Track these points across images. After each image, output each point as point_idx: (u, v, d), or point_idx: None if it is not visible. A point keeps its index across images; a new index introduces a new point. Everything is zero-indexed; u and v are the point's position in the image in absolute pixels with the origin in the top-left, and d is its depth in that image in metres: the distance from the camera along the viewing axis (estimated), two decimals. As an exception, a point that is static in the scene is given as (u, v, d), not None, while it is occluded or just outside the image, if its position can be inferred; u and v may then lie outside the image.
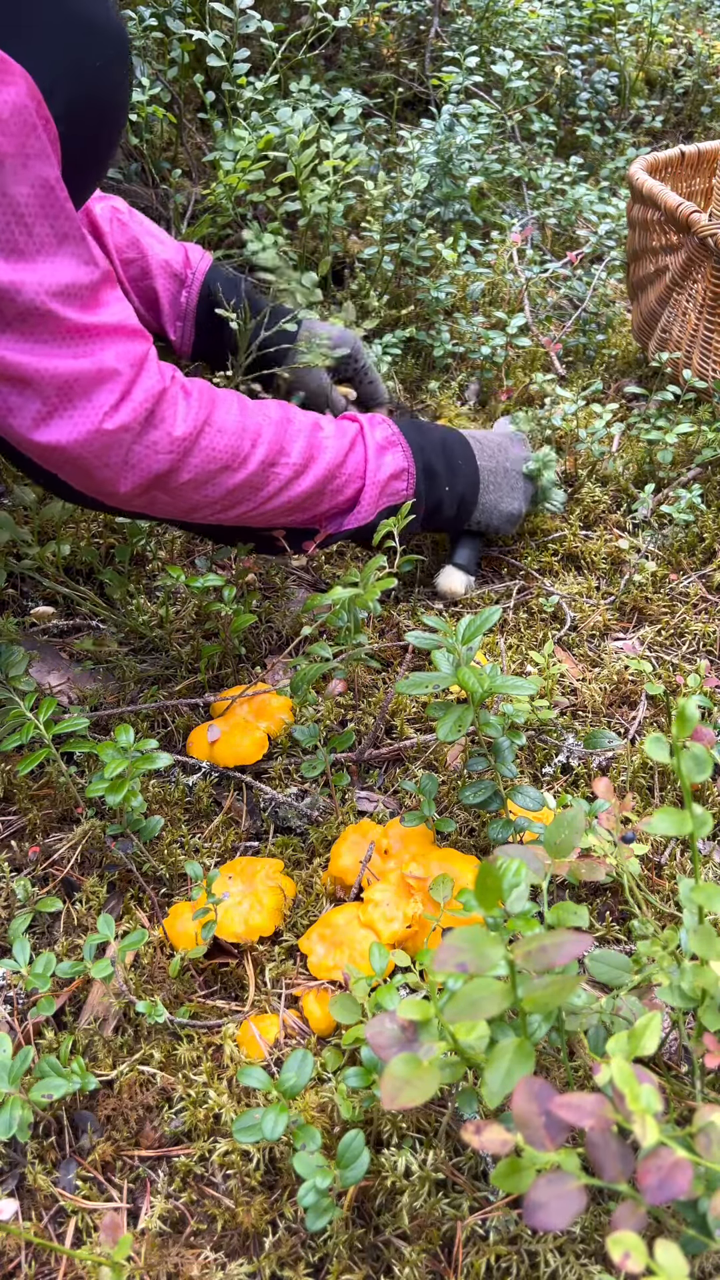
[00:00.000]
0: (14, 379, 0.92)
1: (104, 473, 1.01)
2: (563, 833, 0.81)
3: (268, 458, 1.12)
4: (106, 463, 1.00)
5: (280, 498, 1.15)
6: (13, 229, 0.86)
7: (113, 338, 0.96)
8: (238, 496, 1.12)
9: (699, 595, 1.39)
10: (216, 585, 1.18)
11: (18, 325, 0.90)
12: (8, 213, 0.86)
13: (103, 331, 0.95)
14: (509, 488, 1.37)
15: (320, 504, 1.21)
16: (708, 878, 1.07)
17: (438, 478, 1.29)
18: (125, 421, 0.98)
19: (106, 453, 0.99)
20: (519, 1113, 0.62)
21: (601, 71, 2.45)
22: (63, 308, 0.91)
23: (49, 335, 0.92)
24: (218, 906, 0.95)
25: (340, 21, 1.89)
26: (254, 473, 1.11)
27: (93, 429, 0.97)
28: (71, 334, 0.93)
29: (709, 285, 1.55)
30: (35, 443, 0.96)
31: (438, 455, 1.29)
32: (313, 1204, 0.74)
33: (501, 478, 1.36)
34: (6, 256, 0.86)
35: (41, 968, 0.88)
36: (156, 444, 1.02)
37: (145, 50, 1.86)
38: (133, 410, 0.99)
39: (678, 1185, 0.57)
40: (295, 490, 1.16)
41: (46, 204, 0.88)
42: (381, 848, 1.03)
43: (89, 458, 0.99)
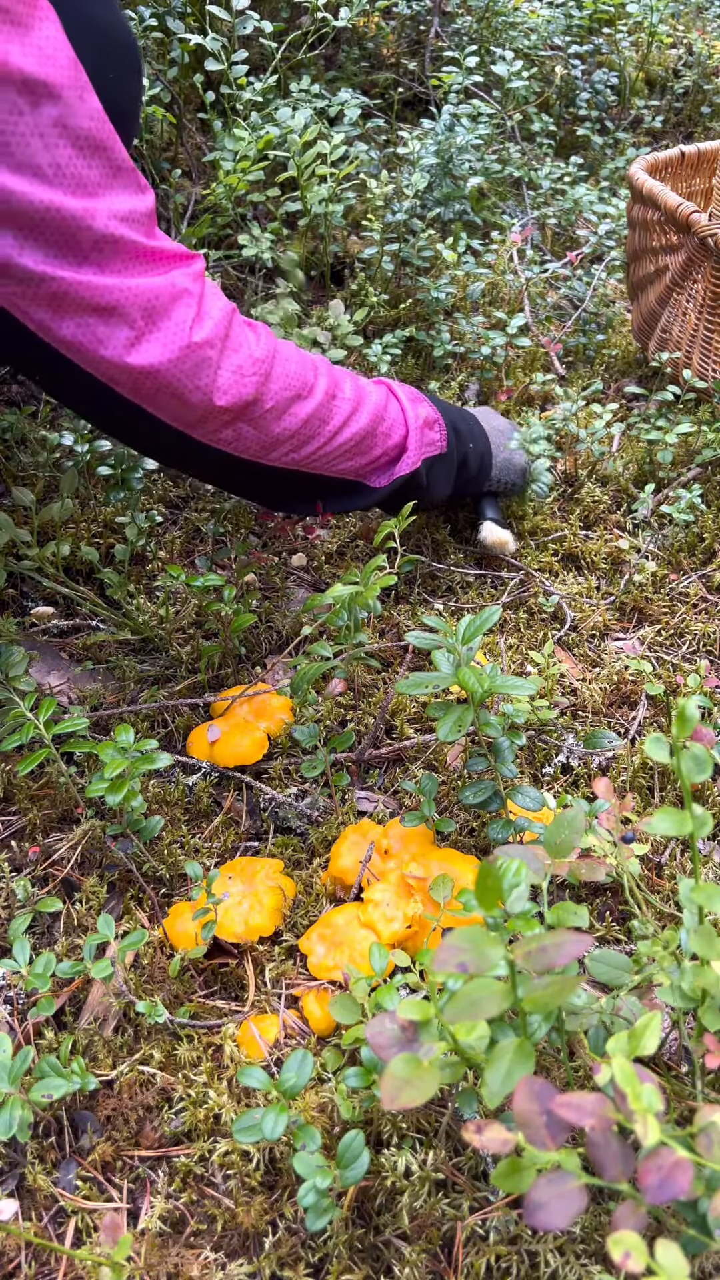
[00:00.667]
0: (101, 307, 0.93)
1: (196, 395, 1.03)
2: (563, 833, 0.81)
3: (329, 389, 1.16)
4: (197, 385, 1.02)
5: (343, 434, 1.18)
6: (76, 162, 0.88)
7: (174, 259, 0.99)
8: (309, 430, 1.15)
9: (699, 595, 1.39)
10: (216, 585, 1.17)
11: (94, 255, 0.91)
12: (72, 146, 0.87)
13: (165, 254, 0.98)
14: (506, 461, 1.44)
15: (374, 446, 1.23)
16: (708, 878, 1.07)
17: (462, 434, 1.35)
18: (209, 335, 1.01)
19: (197, 373, 1.01)
20: (519, 1112, 0.62)
21: (601, 71, 2.45)
22: (131, 232, 0.93)
23: (124, 260, 0.94)
24: (218, 906, 0.95)
25: (340, 21, 1.89)
26: (321, 403, 1.14)
27: (184, 344, 0.99)
28: (143, 257, 0.95)
29: (709, 285, 1.55)
30: (132, 367, 0.97)
31: (457, 416, 1.36)
32: (313, 1204, 0.74)
33: (501, 439, 1.44)
34: (74, 189, 0.88)
35: (41, 968, 0.88)
36: (241, 368, 1.05)
37: (145, 50, 1.86)
38: (213, 325, 1.01)
39: (678, 1185, 0.57)
40: (354, 427, 1.19)
41: (104, 135, 0.89)
42: (381, 848, 1.03)
43: (182, 378, 1.00)
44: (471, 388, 1.76)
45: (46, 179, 0.86)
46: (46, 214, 0.86)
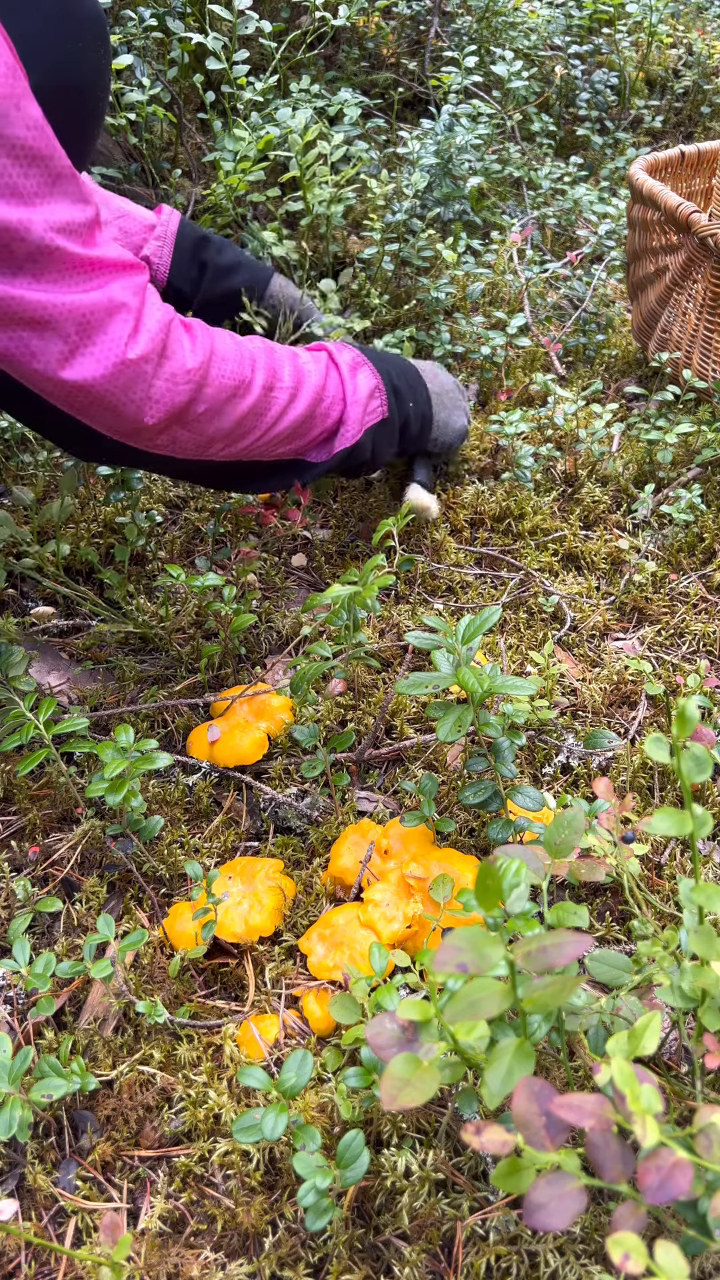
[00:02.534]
0: (34, 321, 0.92)
1: (130, 409, 1.02)
2: (563, 833, 0.81)
3: (266, 382, 1.16)
4: (131, 398, 1.02)
5: (281, 423, 1.19)
6: (11, 171, 0.87)
7: (114, 271, 0.98)
8: (246, 425, 1.15)
9: (699, 595, 1.39)
10: (216, 585, 1.17)
11: (29, 266, 0.90)
12: (7, 156, 0.86)
13: (105, 265, 0.97)
14: (453, 405, 1.46)
15: (313, 427, 1.24)
16: (708, 878, 1.07)
17: (402, 396, 1.35)
18: (144, 351, 1.00)
19: (131, 386, 1.01)
20: (519, 1113, 0.62)
21: (601, 71, 2.45)
22: (68, 243, 0.92)
23: (60, 272, 0.93)
24: (218, 906, 0.95)
25: (339, 21, 1.89)
26: (258, 398, 1.15)
27: (117, 361, 0.98)
28: (79, 269, 0.94)
29: (709, 285, 1.55)
30: (64, 382, 0.97)
31: (398, 375, 1.36)
32: (313, 1204, 0.74)
33: (446, 397, 1.45)
34: (9, 199, 0.87)
35: (41, 968, 0.88)
36: (175, 376, 1.05)
37: (145, 50, 1.86)
38: (149, 339, 1.01)
39: (678, 1186, 0.57)
40: (292, 414, 1.19)
41: (41, 144, 0.88)
42: (381, 848, 1.03)
43: (116, 393, 1.00)
44: (471, 387, 1.76)
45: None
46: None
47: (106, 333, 0.97)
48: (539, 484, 1.56)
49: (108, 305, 0.97)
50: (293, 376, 1.20)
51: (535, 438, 1.62)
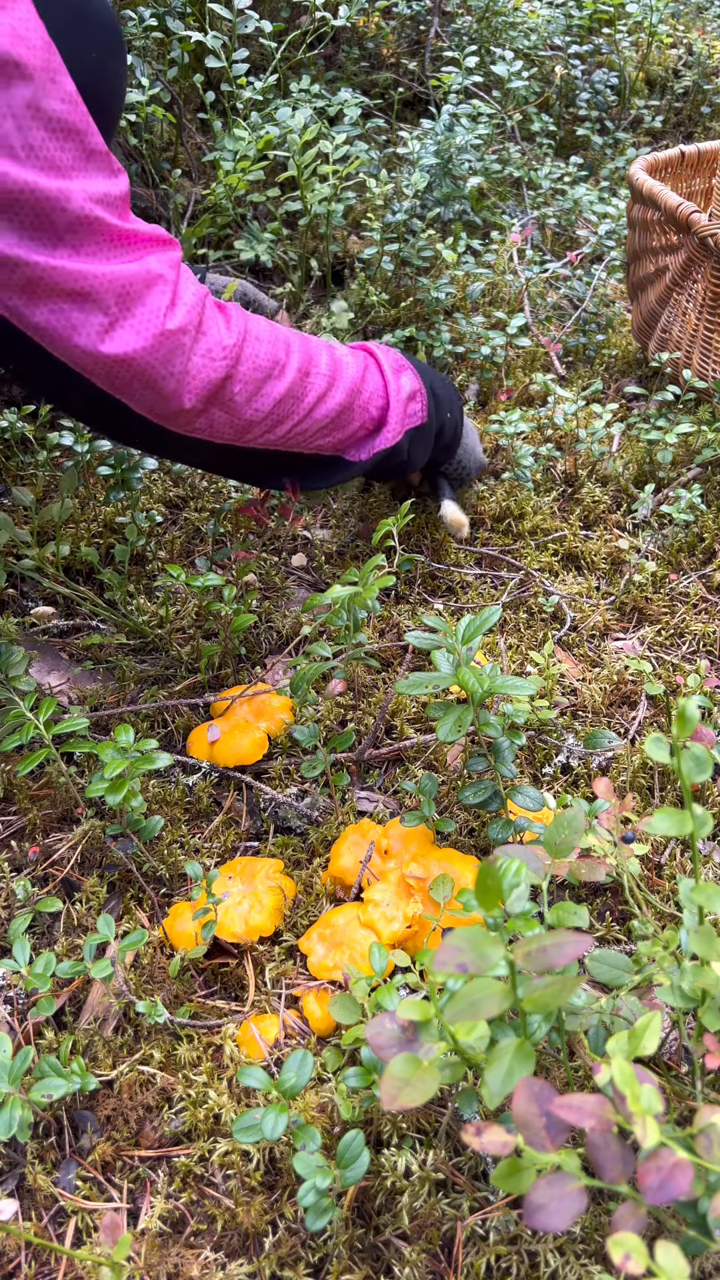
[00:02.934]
0: (75, 292, 0.92)
1: (169, 383, 1.02)
2: (563, 833, 0.81)
3: (302, 366, 1.14)
4: (170, 371, 1.01)
5: (318, 410, 1.17)
6: (49, 145, 0.87)
7: (150, 243, 0.98)
8: (283, 409, 1.14)
9: (699, 595, 1.39)
10: (216, 585, 1.17)
11: (69, 237, 0.91)
12: (45, 128, 0.86)
13: (140, 238, 0.97)
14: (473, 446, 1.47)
15: (352, 420, 1.23)
16: (708, 878, 1.07)
17: (441, 404, 1.34)
18: (183, 322, 1.00)
19: (170, 359, 1.01)
20: (519, 1113, 0.62)
21: (601, 71, 2.45)
22: (106, 214, 0.93)
23: (98, 243, 0.93)
24: (218, 906, 0.95)
25: (339, 21, 1.89)
26: (294, 381, 1.13)
27: (157, 332, 0.98)
28: (118, 240, 0.95)
29: (709, 285, 1.55)
30: (105, 356, 0.96)
31: (438, 383, 1.36)
32: (313, 1204, 0.74)
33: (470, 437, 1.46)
34: (49, 170, 0.87)
35: (41, 968, 0.88)
36: (211, 352, 1.04)
37: (145, 50, 1.86)
38: (186, 311, 1.01)
39: (678, 1186, 0.57)
40: (330, 403, 1.18)
41: (77, 119, 0.88)
42: (381, 848, 1.03)
43: (156, 366, 1.00)
44: (471, 388, 1.76)
45: (19, 159, 0.85)
46: (21, 194, 0.85)
47: (145, 304, 0.97)
48: (539, 484, 1.56)
49: (146, 276, 0.97)
50: (329, 365, 1.18)
51: (535, 438, 1.62)
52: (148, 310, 0.97)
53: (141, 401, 1.03)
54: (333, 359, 1.20)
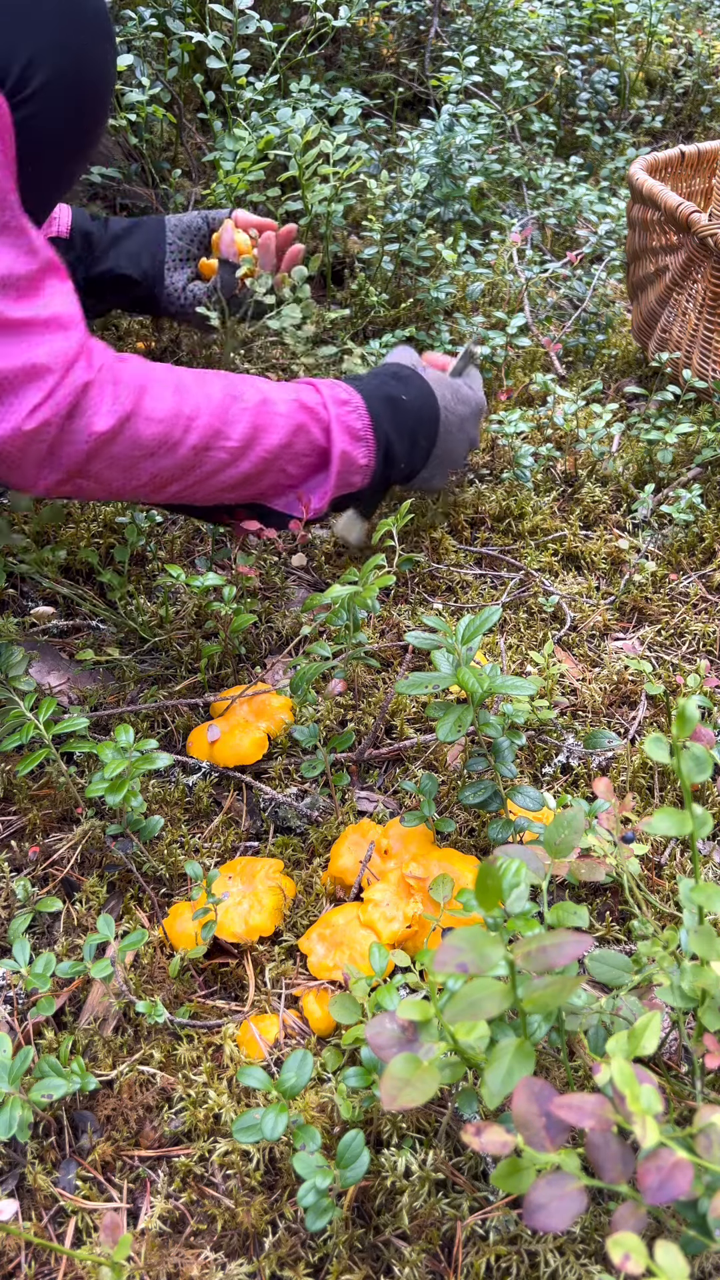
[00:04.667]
0: None
1: (24, 468, 0.99)
2: (563, 833, 0.81)
3: (201, 443, 1.08)
4: (26, 459, 0.98)
5: (216, 479, 1.12)
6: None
7: (47, 332, 0.95)
8: (166, 478, 1.09)
9: (699, 595, 1.39)
10: (216, 585, 1.17)
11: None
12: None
13: (37, 325, 0.94)
14: (447, 465, 1.38)
15: (263, 481, 1.16)
16: (708, 878, 1.07)
17: (394, 464, 1.26)
18: (46, 418, 0.96)
19: (27, 449, 0.97)
20: (519, 1113, 0.62)
21: (601, 71, 2.45)
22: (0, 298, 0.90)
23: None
24: (218, 906, 0.95)
25: (340, 21, 1.89)
26: (184, 458, 1.08)
27: (14, 429, 0.95)
28: (5, 328, 0.92)
29: (709, 285, 1.55)
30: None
31: (404, 441, 1.26)
32: (313, 1204, 0.74)
33: (447, 456, 1.36)
34: None
35: (41, 968, 0.88)
36: (75, 436, 1.00)
37: (145, 50, 1.86)
38: (54, 407, 0.97)
39: (678, 1186, 0.57)
40: (233, 471, 1.12)
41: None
42: (381, 848, 1.03)
43: (12, 453, 0.97)
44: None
45: None
46: None
47: (18, 397, 0.94)
48: (539, 484, 1.56)
49: (27, 371, 0.93)
50: (245, 433, 1.11)
51: (535, 438, 1.62)
52: (17, 404, 0.94)
53: None
54: (254, 424, 1.12)
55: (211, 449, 1.09)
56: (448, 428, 1.34)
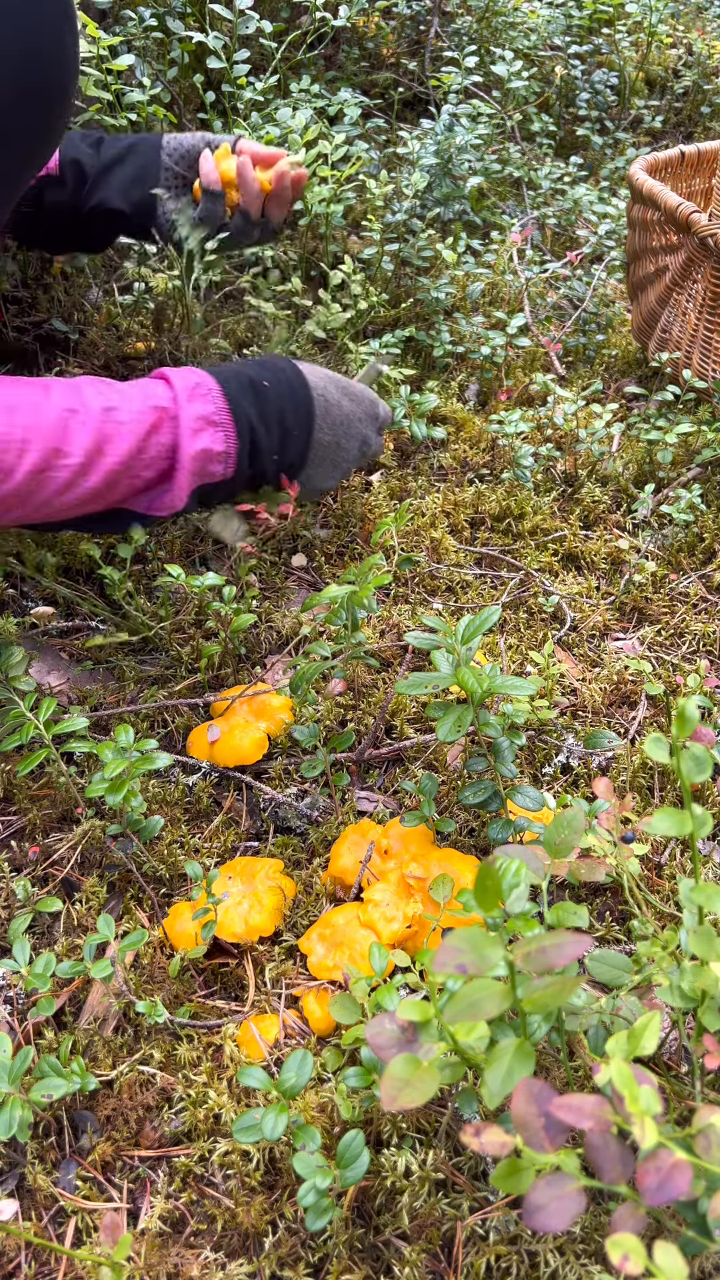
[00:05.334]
0: None
1: None
2: (563, 833, 0.81)
3: (38, 465, 1.03)
4: None
5: (64, 498, 1.07)
6: None
7: None
8: (6, 505, 1.04)
9: (699, 595, 1.39)
10: (216, 585, 1.17)
11: None
12: None
13: None
14: (333, 465, 1.30)
15: (115, 491, 1.11)
16: (708, 878, 1.07)
17: (262, 453, 1.20)
18: None
19: None
20: (518, 1114, 0.62)
21: (601, 71, 2.45)
22: None
23: None
24: (218, 906, 0.95)
25: (339, 21, 1.89)
26: (20, 483, 1.02)
27: None
28: None
29: (709, 285, 1.55)
30: None
31: (271, 427, 1.20)
32: (313, 1204, 0.74)
33: (332, 453, 1.29)
34: None
35: (41, 968, 0.88)
36: None
37: (145, 50, 1.86)
38: None
39: (677, 1186, 0.57)
40: (81, 488, 1.07)
41: None
42: (381, 848, 1.03)
43: None
44: (471, 388, 1.76)
45: None
46: None
47: None
48: (539, 484, 1.56)
49: None
50: (88, 447, 1.05)
51: (535, 438, 1.62)
52: None
53: None
54: (98, 436, 1.06)
55: (51, 469, 1.04)
56: (329, 419, 1.27)
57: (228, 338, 1.76)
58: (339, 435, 1.29)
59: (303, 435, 1.24)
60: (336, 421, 1.28)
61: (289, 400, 1.23)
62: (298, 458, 1.25)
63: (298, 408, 1.24)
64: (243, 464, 1.18)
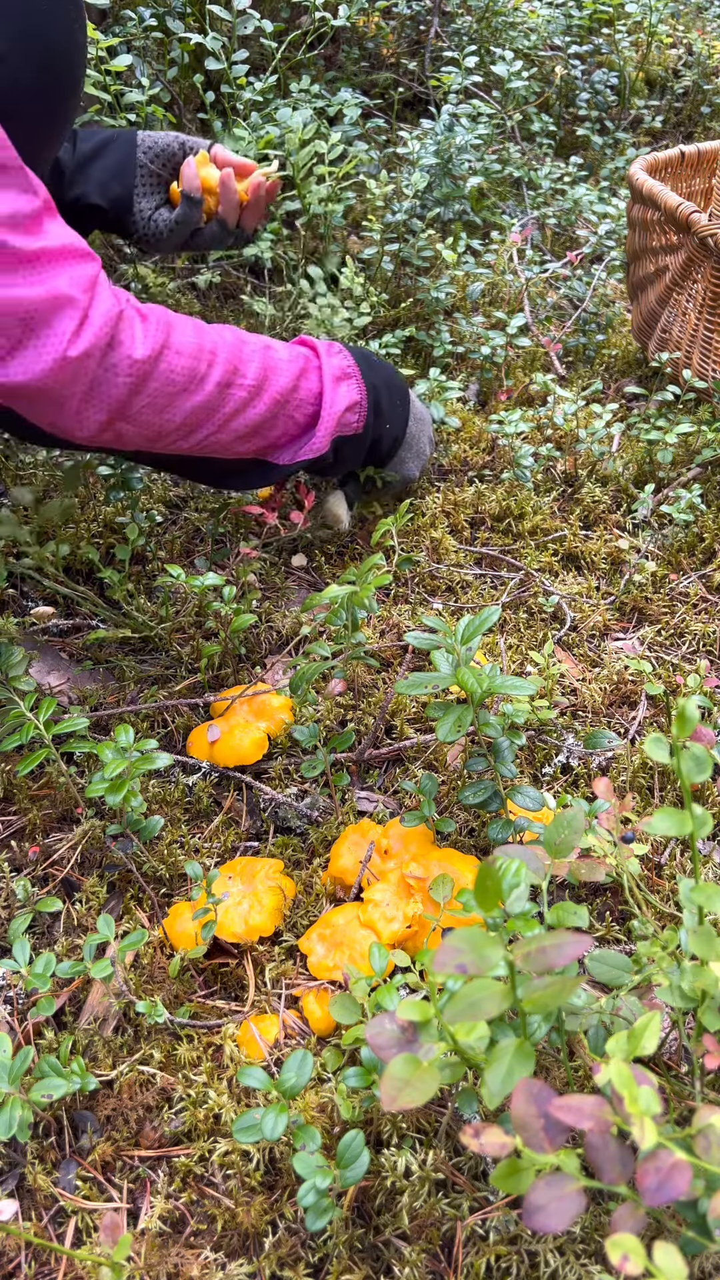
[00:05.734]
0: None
1: (71, 403, 1.01)
2: (563, 833, 0.81)
3: (223, 379, 1.12)
4: (72, 393, 1.00)
5: (237, 420, 1.16)
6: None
7: (62, 262, 0.96)
8: (196, 419, 1.12)
9: (699, 595, 1.39)
10: (216, 585, 1.17)
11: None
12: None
13: (52, 256, 0.95)
14: (417, 454, 1.43)
15: (275, 428, 1.21)
16: (708, 878, 1.07)
17: (383, 414, 1.32)
18: (87, 347, 0.98)
19: (73, 382, 0.99)
20: (518, 1115, 0.62)
21: (601, 71, 2.45)
22: (11, 236, 0.91)
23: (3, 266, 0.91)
24: (218, 906, 0.95)
25: (339, 21, 1.89)
26: (211, 394, 1.12)
27: (58, 357, 0.96)
28: (23, 262, 0.92)
29: (709, 285, 1.55)
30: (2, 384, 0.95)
31: (386, 393, 1.32)
32: (313, 1204, 0.74)
33: (416, 443, 1.42)
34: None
35: (41, 968, 0.88)
36: (116, 367, 1.02)
37: (145, 50, 1.86)
38: (94, 335, 0.98)
39: (677, 1187, 0.57)
40: (251, 413, 1.16)
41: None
42: (381, 848, 1.03)
43: (56, 389, 0.98)
44: (471, 388, 1.76)
45: None
46: None
47: (51, 328, 0.95)
48: (539, 484, 1.56)
49: (53, 300, 0.95)
50: (257, 374, 1.16)
51: (535, 438, 1.62)
52: (52, 335, 0.95)
53: (43, 417, 1.02)
54: (264, 366, 1.17)
55: (232, 386, 1.14)
56: (416, 410, 1.40)
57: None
58: (419, 427, 1.42)
59: (403, 410, 1.37)
60: (419, 414, 1.43)
61: (396, 380, 1.36)
62: (401, 433, 1.37)
63: (402, 389, 1.38)
64: (369, 421, 1.30)
